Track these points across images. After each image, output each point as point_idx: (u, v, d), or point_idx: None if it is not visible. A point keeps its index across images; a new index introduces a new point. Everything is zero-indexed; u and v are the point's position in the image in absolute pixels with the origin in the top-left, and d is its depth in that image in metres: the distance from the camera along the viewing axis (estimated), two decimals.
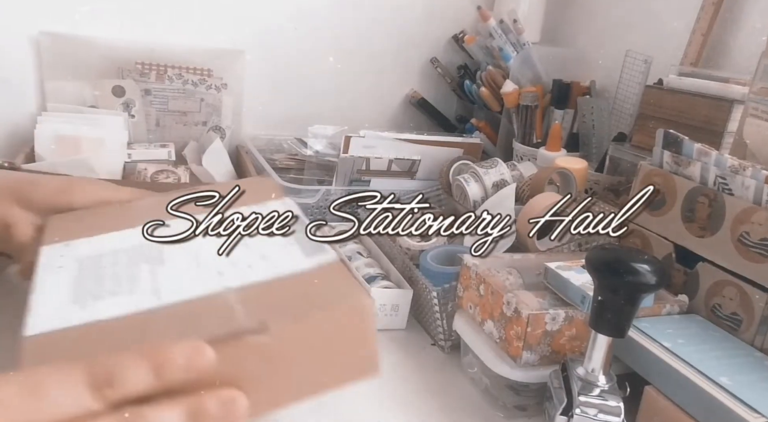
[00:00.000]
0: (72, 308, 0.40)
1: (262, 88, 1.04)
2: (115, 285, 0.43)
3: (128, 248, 0.48)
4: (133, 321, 0.39)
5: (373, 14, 1.08)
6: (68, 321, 0.39)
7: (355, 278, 0.43)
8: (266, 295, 0.41)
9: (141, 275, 0.44)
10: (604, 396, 0.45)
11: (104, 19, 0.92)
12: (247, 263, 0.45)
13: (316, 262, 0.45)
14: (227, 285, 0.42)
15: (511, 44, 1.01)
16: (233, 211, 0.50)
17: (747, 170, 0.54)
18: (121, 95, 0.93)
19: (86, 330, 0.38)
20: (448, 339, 0.62)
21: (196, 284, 0.43)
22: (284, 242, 0.48)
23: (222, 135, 0.95)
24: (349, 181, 0.85)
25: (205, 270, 0.44)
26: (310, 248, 0.47)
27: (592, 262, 0.44)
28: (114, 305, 0.40)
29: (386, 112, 1.16)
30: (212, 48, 0.97)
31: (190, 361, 0.32)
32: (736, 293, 0.53)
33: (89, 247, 0.49)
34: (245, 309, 0.39)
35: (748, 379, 0.46)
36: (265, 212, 0.50)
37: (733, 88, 0.70)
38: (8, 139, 0.91)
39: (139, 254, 0.47)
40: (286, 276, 0.44)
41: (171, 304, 0.41)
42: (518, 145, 0.95)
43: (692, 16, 0.83)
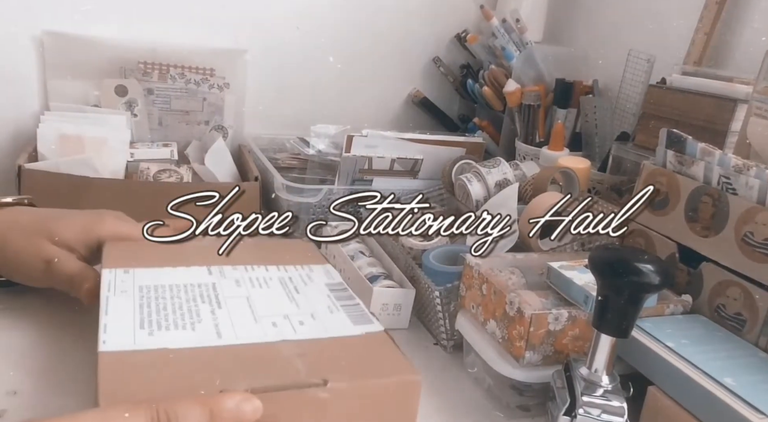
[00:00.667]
0: (140, 332, 0.44)
1: (265, 88, 1.04)
2: (179, 318, 0.47)
3: (185, 284, 0.52)
4: (197, 355, 0.43)
5: (376, 13, 1.08)
6: (138, 344, 0.43)
7: (402, 354, 0.46)
8: (322, 353, 0.45)
9: (202, 314, 0.48)
10: (608, 396, 0.45)
11: (107, 19, 0.92)
12: (299, 320, 0.49)
13: (363, 330, 0.49)
14: (284, 337, 0.46)
15: (514, 43, 1.01)
16: (280, 268, 0.57)
17: (751, 170, 0.53)
18: (124, 95, 0.93)
19: (155, 355, 0.42)
20: (450, 339, 0.62)
21: (254, 331, 0.46)
22: (332, 308, 0.52)
23: (224, 134, 0.95)
24: (352, 180, 0.85)
25: (260, 319, 0.48)
26: (357, 317, 0.51)
27: (595, 262, 0.44)
28: (179, 337, 0.44)
29: (389, 111, 1.15)
30: (215, 47, 0.97)
31: (239, 411, 0.36)
32: (740, 293, 0.53)
33: (148, 277, 0.53)
34: (304, 364, 0.43)
35: (752, 380, 0.45)
36: (307, 274, 0.57)
37: (737, 87, 0.70)
38: (11, 138, 0.91)
39: (197, 293, 0.51)
40: (337, 339, 0.47)
41: (232, 345, 0.44)
42: (521, 144, 0.95)
43: (695, 15, 0.83)
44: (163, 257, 0.57)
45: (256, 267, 0.57)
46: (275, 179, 0.82)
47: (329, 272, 0.58)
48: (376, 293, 0.62)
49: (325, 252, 0.76)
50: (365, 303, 0.63)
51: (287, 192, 0.80)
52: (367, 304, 0.63)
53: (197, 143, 0.96)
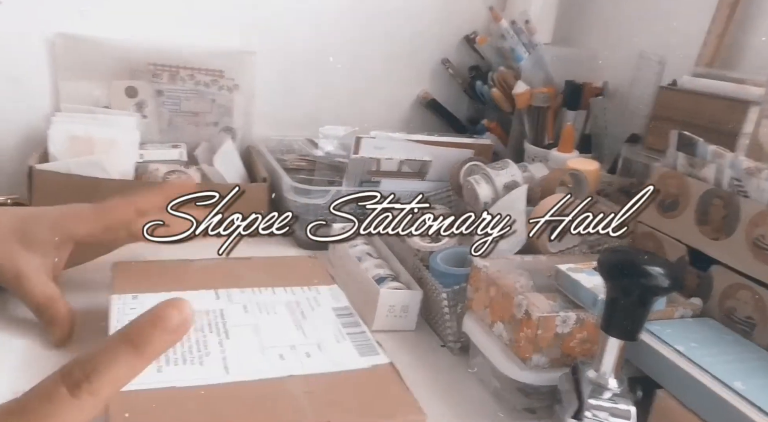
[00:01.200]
0: (149, 369, 0.43)
1: (274, 89, 1.05)
2: (187, 351, 0.47)
3: (193, 311, 0.52)
4: (205, 394, 0.43)
5: (385, 15, 1.08)
6: (147, 382, 0.43)
7: (408, 390, 0.47)
8: (328, 390, 0.46)
9: (210, 346, 0.49)
10: (615, 399, 0.44)
11: (118, 21, 0.93)
12: (305, 351, 0.50)
13: (369, 363, 0.49)
14: (291, 372, 0.47)
15: (523, 45, 1.00)
16: (287, 290, 0.58)
17: (762, 173, 0.53)
18: (134, 96, 0.93)
19: (163, 395, 0.43)
20: (457, 341, 0.62)
21: (261, 364, 0.47)
22: (339, 337, 0.53)
23: (233, 136, 0.96)
24: (360, 182, 0.85)
25: (267, 350, 0.49)
26: (363, 348, 0.52)
27: (604, 264, 0.43)
28: (188, 374, 0.45)
29: (397, 113, 1.15)
30: (224, 49, 0.98)
31: None
32: (750, 296, 0.52)
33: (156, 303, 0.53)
34: (310, 401, 0.43)
35: (762, 383, 0.45)
36: (314, 297, 0.58)
37: (749, 89, 0.69)
38: (22, 139, 0.92)
39: (205, 322, 0.52)
40: (344, 372, 0.48)
41: (239, 382, 0.45)
42: (530, 146, 0.95)
43: (705, 15, 0.82)
44: (170, 279, 0.58)
45: (263, 290, 0.58)
46: (283, 180, 0.82)
47: (336, 295, 0.59)
48: (383, 294, 0.62)
49: (333, 254, 0.76)
50: (372, 305, 0.63)
51: (295, 193, 0.80)
52: (374, 306, 0.63)
53: (206, 144, 0.96)
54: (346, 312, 0.56)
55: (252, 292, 0.57)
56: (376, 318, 0.63)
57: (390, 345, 0.57)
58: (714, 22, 0.80)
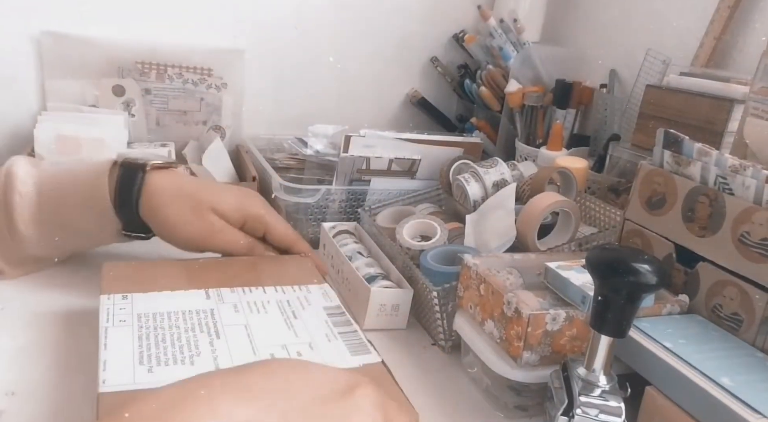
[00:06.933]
0: (140, 369, 0.45)
1: (263, 88, 1.04)
2: (178, 352, 0.47)
3: (183, 311, 0.53)
4: None
5: (374, 13, 1.08)
6: (138, 382, 0.43)
7: (400, 390, 0.46)
8: None
9: (201, 346, 0.48)
10: (605, 396, 0.45)
11: (105, 19, 0.92)
12: (297, 351, 0.49)
13: (361, 362, 0.49)
14: None
15: (512, 44, 1.01)
16: (278, 289, 0.58)
17: (747, 170, 0.53)
18: (122, 95, 0.93)
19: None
20: (448, 339, 0.62)
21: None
22: (330, 336, 0.52)
23: (222, 134, 0.95)
24: (350, 180, 0.85)
25: (258, 349, 0.49)
26: (354, 347, 0.51)
27: (593, 262, 0.44)
28: (178, 373, 0.44)
29: (386, 111, 1.16)
30: (212, 47, 0.97)
31: None
32: (736, 293, 0.53)
33: (146, 304, 0.53)
34: None
35: (749, 379, 0.46)
36: (305, 296, 0.57)
37: (734, 87, 0.70)
38: (8, 138, 0.91)
39: (196, 321, 0.51)
40: None
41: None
42: (521, 145, 0.95)
43: (695, 14, 0.83)
44: (161, 279, 0.57)
45: (254, 289, 0.57)
46: (273, 179, 0.82)
47: (327, 294, 0.58)
48: (373, 293, 0.62)
49: (324, 252, 0.76)
50: (363, 304, 0.63)
51: (285, 192, 0.80)
52: (364, 304, 0.63)
53: (195, 143, 0.96)
54: (338, 311, 0.56)
55: (243, 291, 0.57)
56: (367, 317, 0.63)
57: (381, 344, 0.57)
58: (713, 23, 0.80)
